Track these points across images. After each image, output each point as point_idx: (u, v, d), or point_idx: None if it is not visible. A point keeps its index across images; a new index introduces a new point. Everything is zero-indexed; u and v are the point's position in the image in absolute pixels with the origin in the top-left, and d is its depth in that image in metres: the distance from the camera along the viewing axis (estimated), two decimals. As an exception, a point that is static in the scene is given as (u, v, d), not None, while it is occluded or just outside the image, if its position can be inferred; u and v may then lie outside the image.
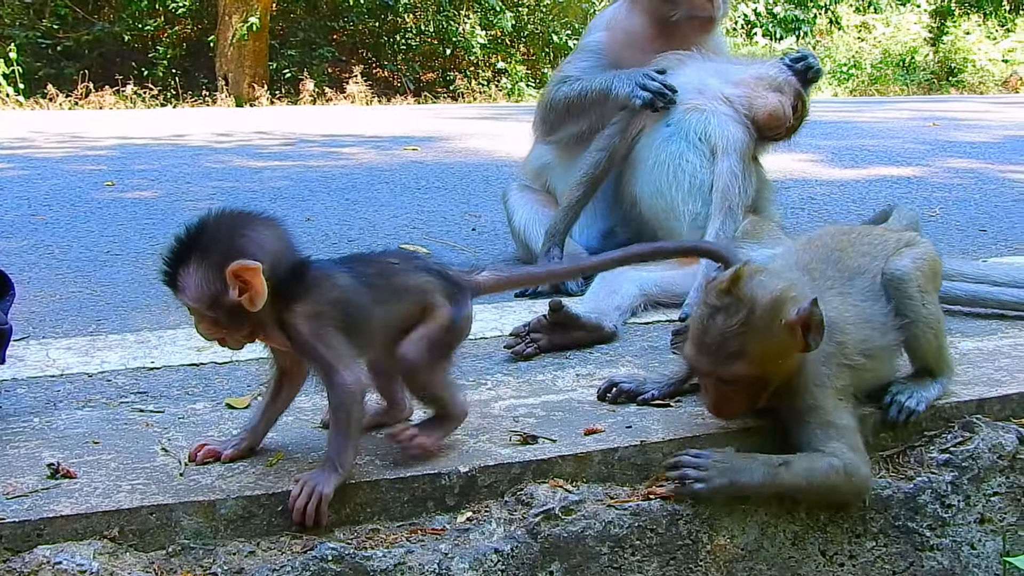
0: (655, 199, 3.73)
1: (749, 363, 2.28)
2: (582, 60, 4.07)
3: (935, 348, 2.63)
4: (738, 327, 2.26)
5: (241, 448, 2.31)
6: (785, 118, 3.76)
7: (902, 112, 12.06)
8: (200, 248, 2.11)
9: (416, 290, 2.29)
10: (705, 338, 2.30)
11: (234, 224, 2.15)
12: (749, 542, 2.38)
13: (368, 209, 5.65)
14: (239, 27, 17.16)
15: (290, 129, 10.52)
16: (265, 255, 2.11)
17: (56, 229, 5.07)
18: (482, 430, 2.47)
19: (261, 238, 2.14)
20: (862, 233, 2.72)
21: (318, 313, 2.16)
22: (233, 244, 2.10)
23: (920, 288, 2.57)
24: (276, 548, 2.13)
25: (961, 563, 2.57)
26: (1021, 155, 7.87)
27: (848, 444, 2.36)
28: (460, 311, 2.32)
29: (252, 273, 2.07)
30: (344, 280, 2.23)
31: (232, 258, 2.07)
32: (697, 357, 2.34)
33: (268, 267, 2.10)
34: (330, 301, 2.19)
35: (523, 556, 2.20)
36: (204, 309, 2.13)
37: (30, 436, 2.43)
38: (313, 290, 2.18)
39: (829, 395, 2.39)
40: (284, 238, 2.20)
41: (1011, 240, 4.72)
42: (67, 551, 2.01)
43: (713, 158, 3.65)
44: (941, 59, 21.76)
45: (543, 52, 20.25)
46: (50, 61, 17.22)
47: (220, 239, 2.12)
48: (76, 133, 10.01)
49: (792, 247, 2.78)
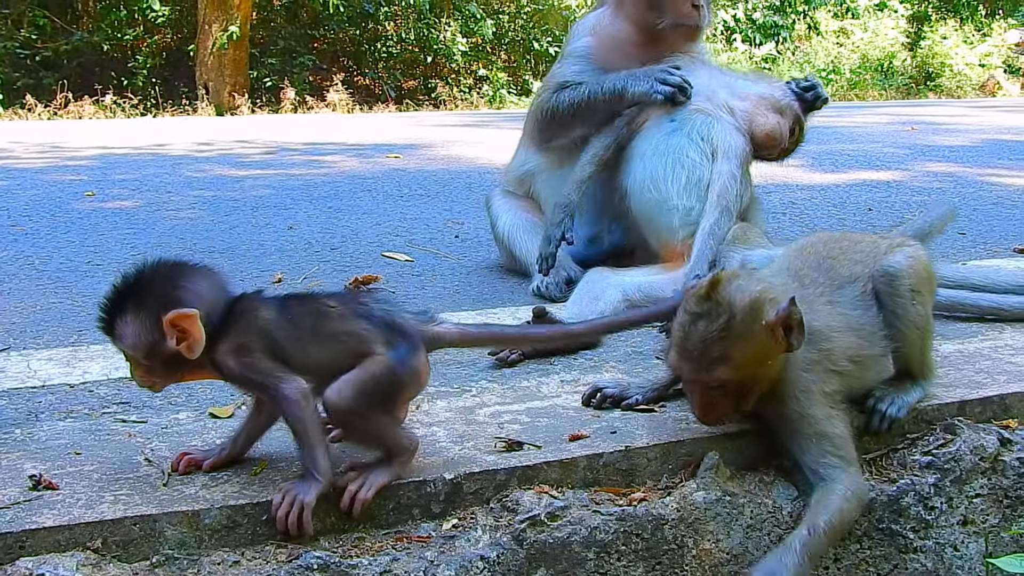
0: (649, 190, 3.68)
1: (732, 367, 2.29)
2: (574, 65, 4.04)
3: (919, 351, 2.64)
4: (719, 332, 2.27)
5: (222, 457, 2.30)
6: (781, 139, 3.81)
7: (881, 117, 12.15)
8: (137, 297, 2.16)
9: (347, 337, 2.20)
10: (687, 344, 2.30)
11: (170, 274, 2.20)
12: (734, 546, 2.38)
13: (351, 217, 5.64)
14: (219, 36, 17.12)
15: (271, 138, 10.50)
16: (201, 303, 2.14)
17: (36, 240, 5.04)
18: (467, 437, 2.47)
19: (197, 287, 2.18)
20: (855, 241, 2.73)
21: (241, 345, 2.17)
22: (170, 294, 2.14)
23: (911, 287, 2.57)
24: (261, 557, 2.12)
25: (944, 565, 2.58)
26: (999, 158, 7.94)
27: (844, 458, 2.36)
28: (403, 361, 2.20)
29: (190, 321, 2.12)
30: (268, 314, 2.21)
31: (169, 308, 2.12)
32: (681, 364, 2.34)
33: (204, 314, 2.14)
34: (254, 331, 2.19)
35: (509, 563, 2.20)
36: (141, 357, 2.18)
37: (12, 448, 2.41)
38: (236, 324, 2.19)
39: (817, 401, 2.39)
40: (219, 285, 2.24)
41: (990, 243, 4.75)
42: (50, 563, 1.99)
43: (713, 159, 3.65)
44: (919, 64, 21.93)
45: (524, 59, 20.29)
46: (29, 71, 17.13)
47: (157, 289, 2.16)
48: (56, 143, 9.96)
49: (785, 253, 2.79)
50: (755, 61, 20.51)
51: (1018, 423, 2.75)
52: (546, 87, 4.11)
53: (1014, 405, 2.77)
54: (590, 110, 3.90)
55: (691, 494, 2.37)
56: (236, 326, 2.19)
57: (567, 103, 3.96)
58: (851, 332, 2.51)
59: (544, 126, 4.08)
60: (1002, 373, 2.89)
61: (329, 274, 4.26)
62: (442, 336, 2.34)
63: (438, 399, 2.74)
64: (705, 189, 3.61)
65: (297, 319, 2.22)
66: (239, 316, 2.20)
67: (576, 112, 3.93)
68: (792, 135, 3.84)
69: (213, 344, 2.17)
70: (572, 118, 3.95)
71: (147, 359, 2.18)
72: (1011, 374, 2.89)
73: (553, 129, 4.04)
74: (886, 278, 2.57)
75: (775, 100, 3.83)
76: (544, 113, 4.05)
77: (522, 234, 4.09)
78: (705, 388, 2.34)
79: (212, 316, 2.16)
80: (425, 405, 2.69)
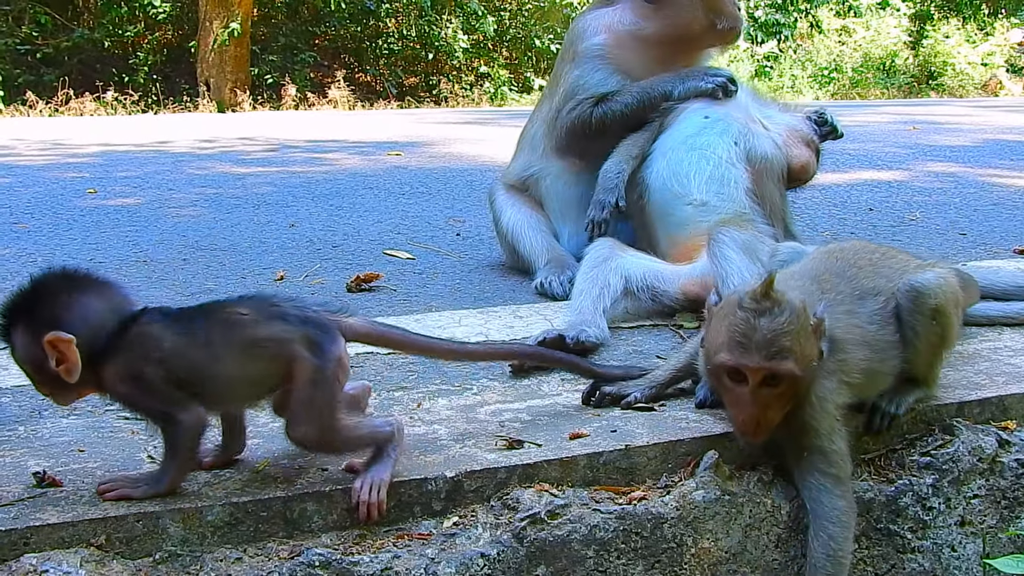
0: (671, 182, 3.62)
1: (796, 360, 2.28)
2: (596, 70, 3.96)
3: (928, 366, 2.65)
4: (787, 325, 2.27)
5: (220, 457, 2.31)
6: (811, 175, 3.92)
7: (882, 116, 12.16)
8: (27, 311, 2.10)
9: (270, 342, 2.13)
10: (755, 336, 2.27)
11: (59, 290, 2.12)
12: (733, 545, 2.40)
13: (352, 215, 5.65)
14: (220, 32, 17.12)
15: (273, 135, 10.51)
16: (84, 326, 2.08)
17: (38, 237, 5.05)
18: (468, 435, 2.48)
19: (84, 307, 2.10)
20: (888, 256, 2.72)
21: (135, 374, 2.10)
22: (52, 312, 2.08)
23: (934, 307, 2.55)
24: (263, 554, 2.14)
25: (942, 565, 2.60)
26: (1000, 158, 7.95)
27: (837, 476, 2.38)
28: (327, 357, 2.14)
29: (66, 345, 2.06)
30: (169, 340, 2.12)
31: (49, 328, 2.05)
32: (745, 357, 2.28)
33: (86, 339, 2.07)
34: (150, 360, 2.10)
35: (509, 560, 2.22)
36: (31, 371, 2.14)
37: (15, 445, 2.43)
38: (129, 351, 2.11)
39: (829, 413, 2.39)
40: (113, 303, 2.15)
41: (990, 244, 4.76)
42: (54, 559, 2.01)
43: (743, 163, 3.64)
44: (921, 63, 21.91)
45: (525, 56, 20.28)
46: (30, 68, 17.14)
47: (44, 305, 2.09)
48: (58, 140, 9.97)
49: (813, 254, 2.78)
50: (757, 59, 20.49)
51: (1016, 424, 2.76)
52: (569, 98, 3.98)
53: (1013, 406, 2.78)
54: (636, 118, 3.85)
55: (690, 493, 2.38)
56: (126, 351, 2.10)
57: (614, 115, 3.88)
58: (865, 346, 2.51)
59: (569, 143, 3.99)
60: (1001, 374, 2.90)
61: (330, 272, 4.27)
62: (350, 328, 2.25)
63: (439, 397, 2.75)
64: (724, 186, 3.57)
65: (208, 334, 2.14)
66: (132, 340, 2.11)
67: (624, 123, 3.86)
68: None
69: (100, 366, 2.10)
70: (618, 129, 3.87)
71: (37, 374, 2.13)
72: (1010, 375, 2.90)
73: (590, 142, 3.93)
74: (911, 293, 2.56)
75: (803, 133, 3.88)
76: (571, 130, 3.95)
77: (526, 231, 4.06)
78: (759, 387, 2.29)
79: (97, 339, 2.08)
80: (426, 403, 2.71)
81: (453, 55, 19.37)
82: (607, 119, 3.89)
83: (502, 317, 3.51)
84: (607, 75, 3.95)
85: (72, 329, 2.06)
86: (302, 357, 2.13)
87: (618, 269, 3.42)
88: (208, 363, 2.13)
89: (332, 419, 2.17)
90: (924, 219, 5.40)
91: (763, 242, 3.38)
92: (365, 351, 3.07)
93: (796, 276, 2.62)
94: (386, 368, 2.98)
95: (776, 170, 3.75)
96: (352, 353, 2.38)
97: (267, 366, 2.15)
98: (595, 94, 3.93)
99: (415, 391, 2.80)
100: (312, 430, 2.17)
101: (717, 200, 3.55)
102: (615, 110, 3.88)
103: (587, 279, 3.41)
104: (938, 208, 5.73)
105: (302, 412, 2.15)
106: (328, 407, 2.16)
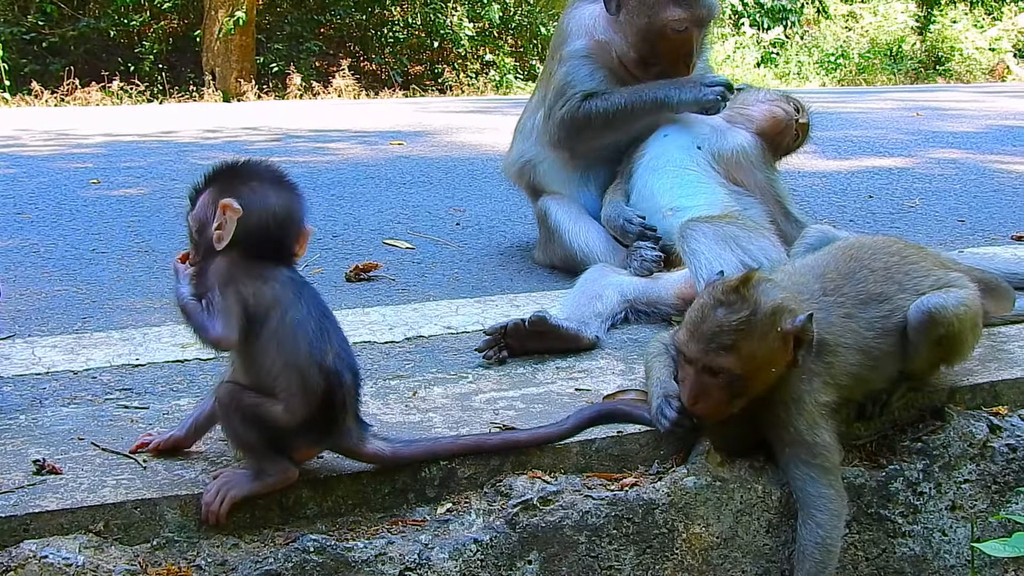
0: (643, 205, 3.79)
1: (737, 359, 2.30)
2: (584, 68, 4.00)
3: (924, 373, 2.68)
4: (737, 323, 2.30)
5: (168, 440, 2.33)
6: (786, 126, 3.94)
7: (887, 102, 12.11)
8: (221, 179, 2.27)
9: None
10: (703, 326, 2.32)
11: (261, 178, 2.27)
12: (724, 530, 2.43)
13: (353, 205, 5.67)
14: (225, 21, 17.11)
15: (277, 124, 10.51)
16: (255, 215, 2.20)
17: (42, 227, 5.08)
18: (463, 423, 2.51)
19: (265, 202, 2.23)
20: (907, 259, 2.64)
21: (233, 277, 2.21)
22: (239, 188, 2.23)
23: (943, 335, 2.52)
24: (259, 540, 2.18)
25: (932, 549, 2.62)
26: (1003, 144, 7.93)
27: (823, 467, 2.40)
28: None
29: (233, 213, 2.18)
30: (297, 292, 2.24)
31: (233, 197, 2.20)
32: (689, 343, 2.35)
33: (244, 225, 2.19)
34: (248, 281, 2.21)
35: (502, 546, 2.25)
36: (194, 230, 2.28)
37: (16, 433, 2.46)
38: (247, 260, 2.23)
39: (805, 411, 2.40)
40: (285, 221, 2.25)
41: (988, 230, 4.77)
42: (53, 545, 2.05)
43: (707, 163, 3.75)
44: (928, 48, 21.81)
45: (531, 44, 20.24)
46: (36, 58, 17.16)
47: (241, 180, 2.25)
48: (62, 130, 10.00)
49: (830, 248, 2.72)
50: (763, 45, 20.43)
51: (1008, 410, 2.79)
52: (560, 94, 4.02)
53: (1004, 392, 2.81)
54: (625, 120, 3.90)
55: (682, 479, 2.41)
56: (247, 262, 2.21)
57: (599, 112, 3.93)
58: (858, 352, 2.50)
59: (567, 135, 4.02)
60: (992, 360, 2.92)
61: (330, 261, 4.30)
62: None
63: (435, 385, 2.78)
64: (695, 189, 3.68)
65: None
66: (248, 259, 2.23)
67: (610, 122, 3.92)
68: (799, 111, 3.99)
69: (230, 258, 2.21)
70: (605, 128, 3.93)
71: (197, 234, 2.27)
72: (1001, 361, 2.92)
73: (583, 138, 4.00)
74: (921, 317, 2.52)
75: (767, 96, 4.00)
76: (566, 123, 3.99)
77: (586, 236, 4.02)
78: (701, 373, 2.35)
79: (251, 232, 2.20)
80: (422, 391, 2.74)
81: (458, 43, 19.34)
82: (595, 113, 3.94)
83: (499, 306, 3.53)
84: (592, 71, 4.00)
85: (246, 208, 2.19)
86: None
87: (613, 284, 3.45)
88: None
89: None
90: (923, 206, 5.41)
91: (747, 228, 3.39)
92: (363, 340, 3.10)
93: (801, 271, 2.61)
94: (382, 357, 3.01)
95: (754, 154, 3.82)
96: (352, 342, 2.40)
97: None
98: (583, 90, 3.99)
99: (411, 379, 2.83)
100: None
101: (689, 202, 3.65)
102: (602, 106, 3.93)
103: (580, 291, 3.45)
104: (938, 195, 5.73)
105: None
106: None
